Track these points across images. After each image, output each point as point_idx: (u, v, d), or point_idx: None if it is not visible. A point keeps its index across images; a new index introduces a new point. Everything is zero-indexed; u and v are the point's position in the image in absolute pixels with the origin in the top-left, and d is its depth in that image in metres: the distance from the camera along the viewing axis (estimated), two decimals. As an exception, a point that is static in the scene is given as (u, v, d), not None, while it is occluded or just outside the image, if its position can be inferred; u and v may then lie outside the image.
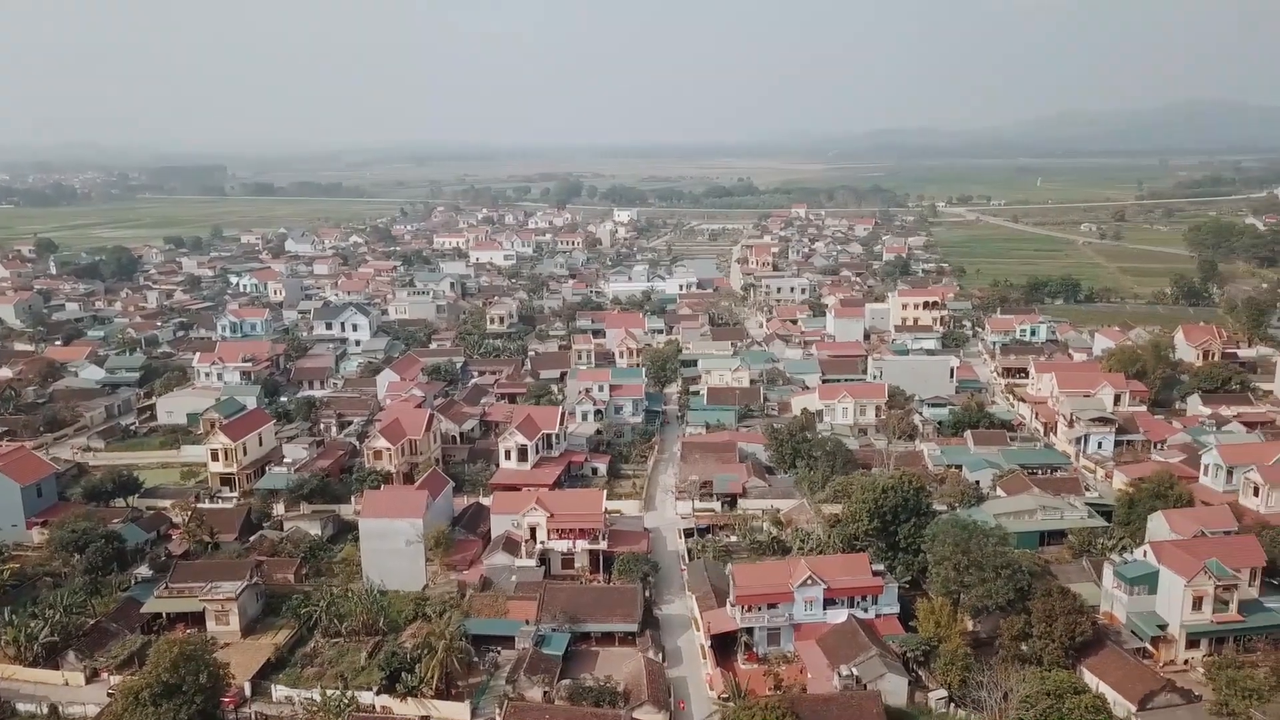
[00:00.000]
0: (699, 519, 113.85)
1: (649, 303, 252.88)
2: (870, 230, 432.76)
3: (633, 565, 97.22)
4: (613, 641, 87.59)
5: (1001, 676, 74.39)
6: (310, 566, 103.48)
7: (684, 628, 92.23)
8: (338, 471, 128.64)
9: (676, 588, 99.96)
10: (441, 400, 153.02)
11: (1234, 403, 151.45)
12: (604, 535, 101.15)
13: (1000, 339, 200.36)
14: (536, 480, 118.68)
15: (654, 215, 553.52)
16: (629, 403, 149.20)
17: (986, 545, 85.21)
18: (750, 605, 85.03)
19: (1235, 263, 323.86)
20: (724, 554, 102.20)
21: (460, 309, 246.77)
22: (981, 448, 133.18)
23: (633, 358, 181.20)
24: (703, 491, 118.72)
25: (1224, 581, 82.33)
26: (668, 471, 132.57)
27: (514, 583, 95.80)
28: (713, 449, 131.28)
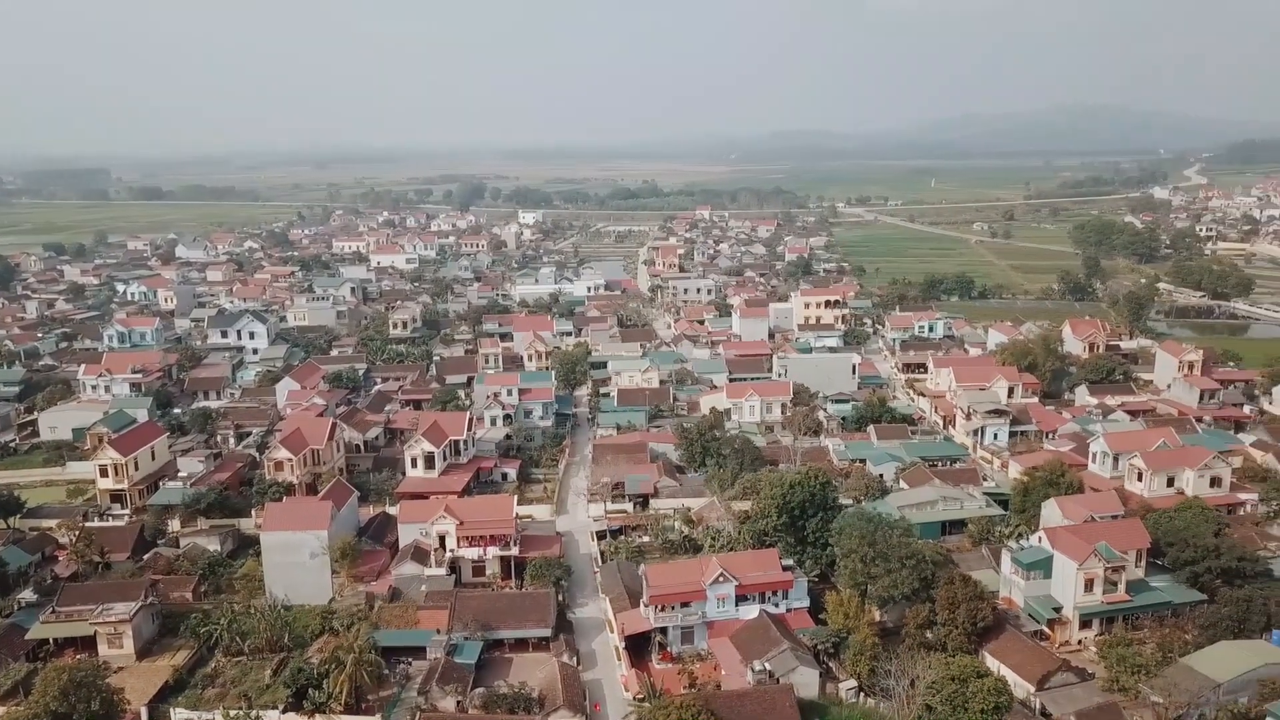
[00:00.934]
0: (611, 521, 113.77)
1: (557, 305, 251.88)
2: (773, 231, 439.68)
3: (545, 570, 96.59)
4: (527, 647, 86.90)
5: (908, 664, 76.23)
6: (210, 583, 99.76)
7: (598, 630, 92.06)
8: (237, 484, 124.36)
9: (590, 590, 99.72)
10: (344, 408, 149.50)
11: (1118, 393, 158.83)
12: (515, 541, 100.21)
13: (900, 336, 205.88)
14: (445, 488, 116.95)
15: (560, 217, 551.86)
16: (538, 406, 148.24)
17: (891, 537, 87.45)
18: (664, 605, 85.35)
19: (1116, 259, 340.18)
20: (637, 555, 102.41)
21: (362, 314, 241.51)
22: (884, 442, 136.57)
23: (541, 361, 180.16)
24: (615, 493, 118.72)
25: (1113, 564, 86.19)
26: (579, 474, 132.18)
27: (424, 592, 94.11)
28: (624, 450, 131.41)
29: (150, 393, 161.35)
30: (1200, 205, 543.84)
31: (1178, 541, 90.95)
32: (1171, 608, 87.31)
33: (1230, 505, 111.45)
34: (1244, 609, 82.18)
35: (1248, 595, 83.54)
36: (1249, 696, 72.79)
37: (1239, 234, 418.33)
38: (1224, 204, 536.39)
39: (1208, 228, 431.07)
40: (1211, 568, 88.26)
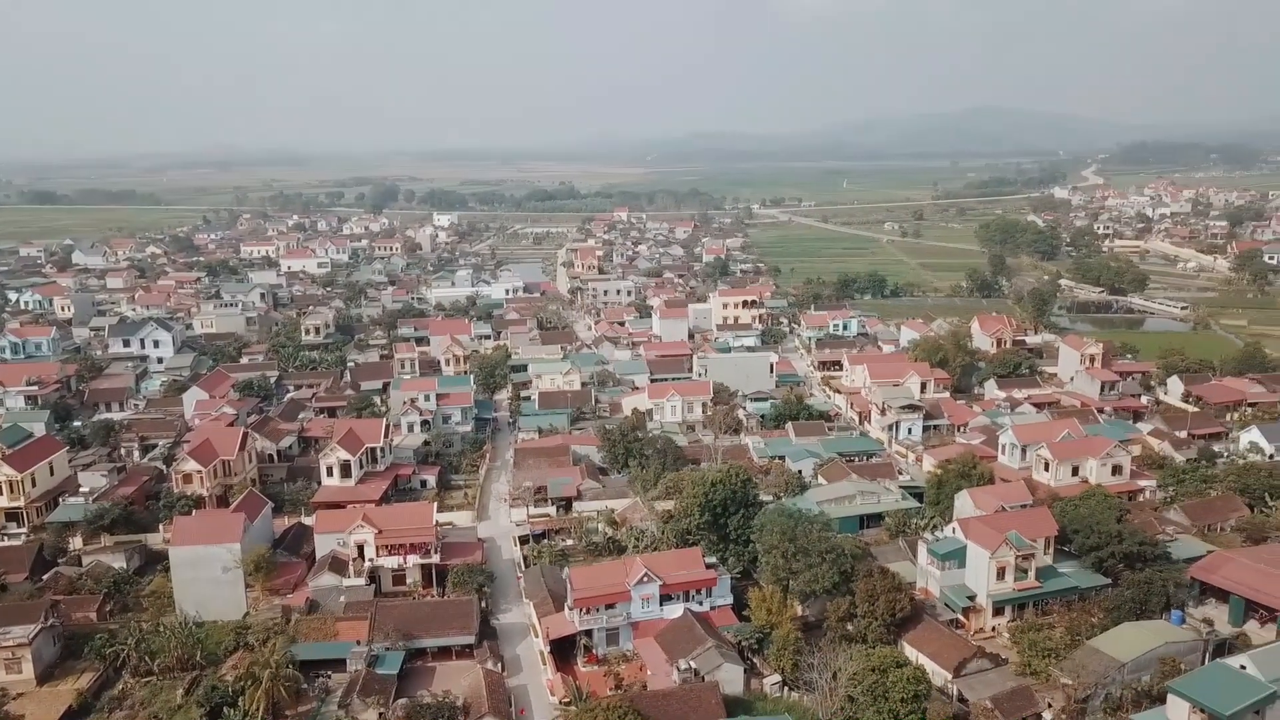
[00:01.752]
0: (534, 525, 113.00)
1: (474, 308, 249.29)
2: (690, 232, 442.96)
3: (467, 577, 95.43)
4: (450, 655, 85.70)
5: (830, 657, 77.42)
6: (115, 602, 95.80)
7: (523, 635, 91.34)
8: (142, 499, 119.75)
9: (514, 596, 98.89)
10: (256, 417, 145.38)
11: (1024, 386, 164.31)
12: (436, 548, 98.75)
13: (815, 334, 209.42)
14: (362, 496, 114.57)
15: (476, 219, 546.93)
16: (457, 411, 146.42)
17: (811, 532, 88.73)
18: (588, 607, 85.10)
19: (1020, 257, 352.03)
20: (560, 558, 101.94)
21: (272, 320, 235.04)
22: (802, 438, 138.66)
23: (459, 365, 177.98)
24: (537, 497, 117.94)
25: (1023, 551, 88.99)
26: (501, 479, 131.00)
27: (343, 603, 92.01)
28: (546, 453, 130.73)
29: (47, 405, 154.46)
30: (1098, 204, 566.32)
31: (1083, 528, 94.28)
32: (1078, 592, 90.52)
33: (1130, 492, 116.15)
34: (1145, 591, 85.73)
35: (1148, 578, 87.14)
36: (1151, 674, 75.99)
37: (1134, 232, 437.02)
38: (1119, 203, 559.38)
39: (1105, 226, 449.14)
40: (1115, 552, 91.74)
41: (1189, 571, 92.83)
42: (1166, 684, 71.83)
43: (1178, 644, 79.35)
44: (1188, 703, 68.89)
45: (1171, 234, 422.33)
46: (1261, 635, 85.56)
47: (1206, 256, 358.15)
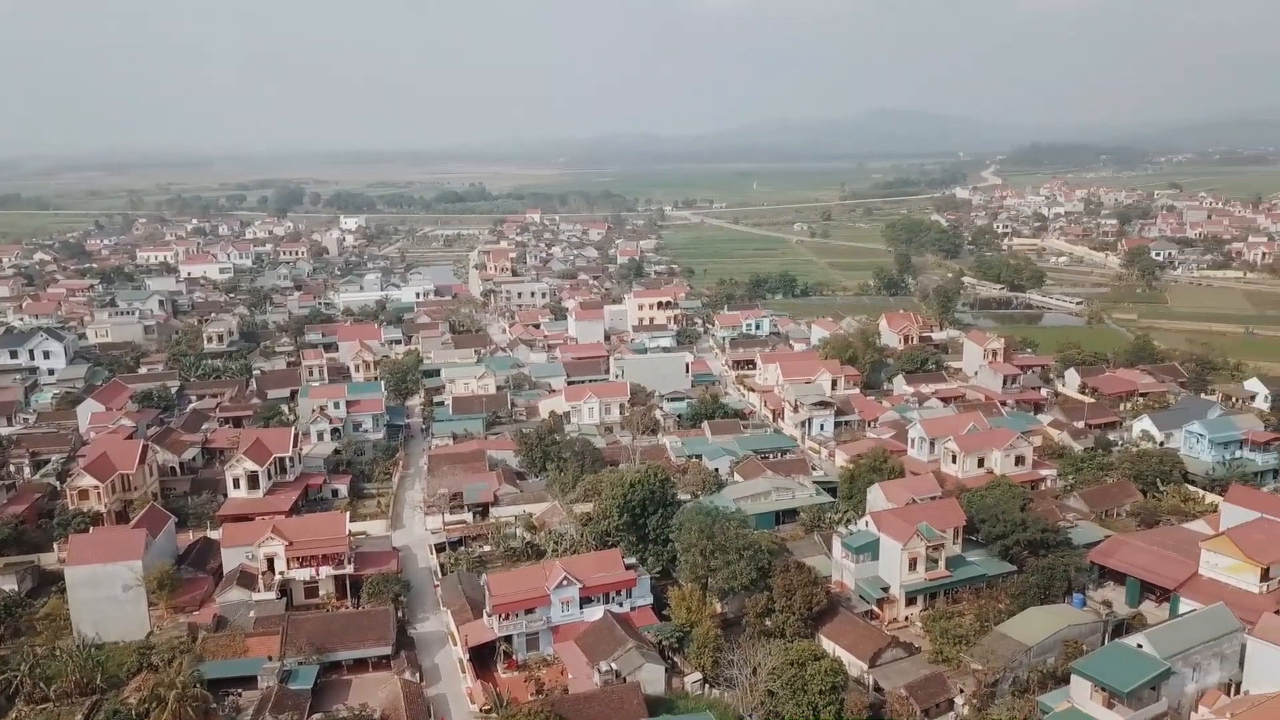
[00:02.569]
0: (450, 532, 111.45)
1: (384, 312, 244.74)
2: (604, 234, 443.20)
3: (383, 586, 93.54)
4: (367, 667, 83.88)
5: (750, 653, 78.23)
6: (7, 626, 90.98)
7: (441, 644, 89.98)
8: (34, 517, 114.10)
9: (431, 604, 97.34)
10: (156, 429, 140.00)
11: (931, 381, 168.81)
12: (349, 559, 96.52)
13: (729, 334, 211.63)
14: (271, 508, 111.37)
15: (384, 222, 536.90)
16: (368, 418, 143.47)
17: (729, 529, 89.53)
18: (507, 613, 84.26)
19: (925, 255, 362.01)
20: (478, 565, 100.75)
21: (172, 329, 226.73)
22: (718, 437, 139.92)
23: (370, 370, 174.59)
24: (453, 503, 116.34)
25: (933, 542, 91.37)
26: (415, 486, 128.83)
27: (252, 618, 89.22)
28: (461, 459, 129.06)
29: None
30: (997, 204, 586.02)
31: (989, 518, 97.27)
32: (986, 580, 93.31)
33: (1033, 481, 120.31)
34: (1048, 576, 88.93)
35: (1051, 564, 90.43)
36: (1055, 656, 78.86)
37: (1031, 230, 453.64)
38: (1017, 203, 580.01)
39: (1004, 225, 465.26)
40: (1019, 540, 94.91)
41: (1088, 556, 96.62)
42: (1070, 665, 74.66)
43: (1079, 626, 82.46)
44: (1090, 682, 71.71)
45: (1066, 232, 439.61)
46: (1156, 614, 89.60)
47: (1099, 254, 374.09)
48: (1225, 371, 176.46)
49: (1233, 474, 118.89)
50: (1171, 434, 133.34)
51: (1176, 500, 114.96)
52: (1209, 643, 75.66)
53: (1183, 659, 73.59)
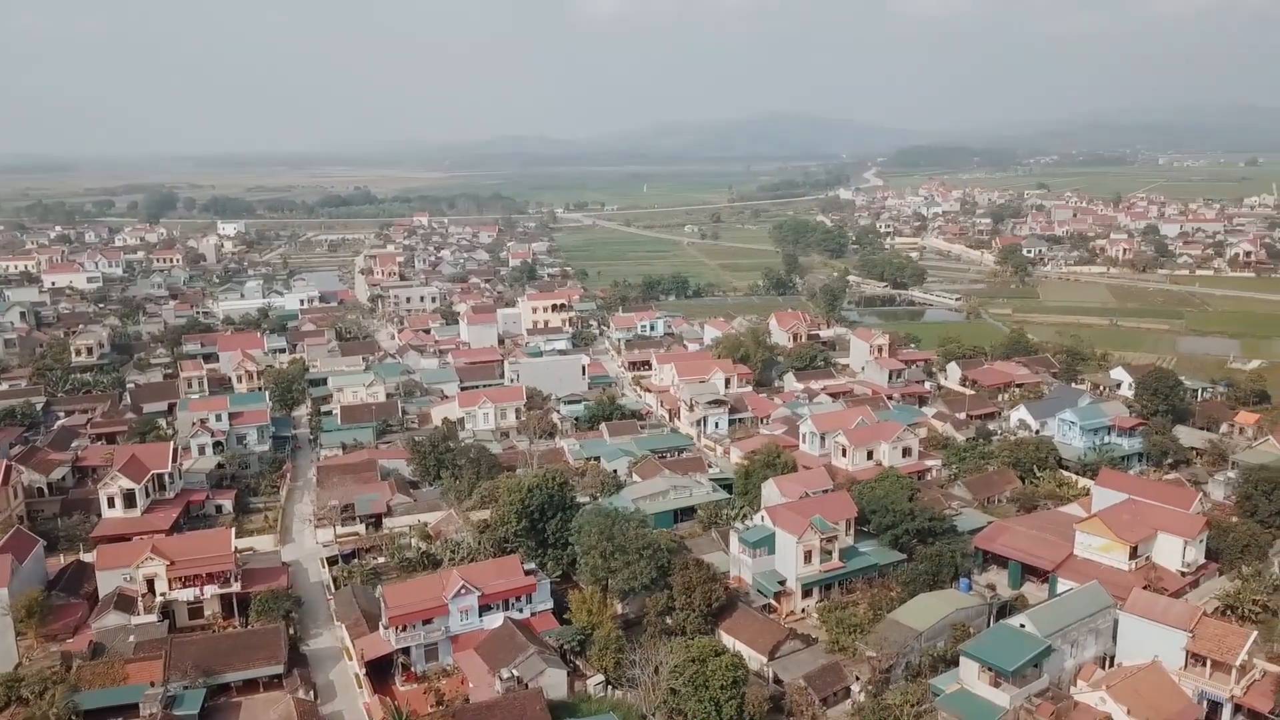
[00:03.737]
0: (343, 544, 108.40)
1: (267, 320, 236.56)
2: (495, 237, 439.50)
3: (272, 603, 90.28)
4: (258, 688, 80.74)
5: (651, 652, 78.53)
6: None
7: (336, 659, 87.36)
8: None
9: (324, 619, 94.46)
10: (21, 448, 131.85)
11: (820, 377, 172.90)
12: (236, 576, 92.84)
13: (624, 335, 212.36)
14: (150, 527, 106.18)
15: (265, 227, 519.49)
16: (253, 430, 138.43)
17: (628, 530, 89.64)
18: (404, 624, 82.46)
19: (812, 255, 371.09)
20: (373, 577, 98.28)
21: (35, 342, 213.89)
22: (616, 438, 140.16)
23: (253, 381, 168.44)
24: (344, 515, 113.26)
25: (827, 534, 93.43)
26: (304, 499, 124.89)
27: (132, 643, 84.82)
28: (351, 470, 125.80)
29: None
30: (878, 205, 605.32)
31: (879, 509, 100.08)
32: (878, 569, 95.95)
33: (919, 472, 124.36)
34: (936, 563, 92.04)
35: (939, 551, 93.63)
36: (945, 640, 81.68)
37: (911, 230, 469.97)
38: (898, 203, 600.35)
39: (886, 225, 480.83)
40: (909, 529, 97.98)
41: (973, 542, 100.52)
42: (959, 647, 77.46)
43: (966, 609, 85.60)
44: (977, 663, 74.55)
45: (944, 231, 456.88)
46: (1037, 595, 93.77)
47: (975, 251, 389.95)
48: (1093, 362, 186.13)
49: (1102, 458, 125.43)
50: (1046, 422, 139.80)
51: (1052, 485, 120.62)
52: (1085, 619, 79.61)
53: (1062, 636, 77.23)
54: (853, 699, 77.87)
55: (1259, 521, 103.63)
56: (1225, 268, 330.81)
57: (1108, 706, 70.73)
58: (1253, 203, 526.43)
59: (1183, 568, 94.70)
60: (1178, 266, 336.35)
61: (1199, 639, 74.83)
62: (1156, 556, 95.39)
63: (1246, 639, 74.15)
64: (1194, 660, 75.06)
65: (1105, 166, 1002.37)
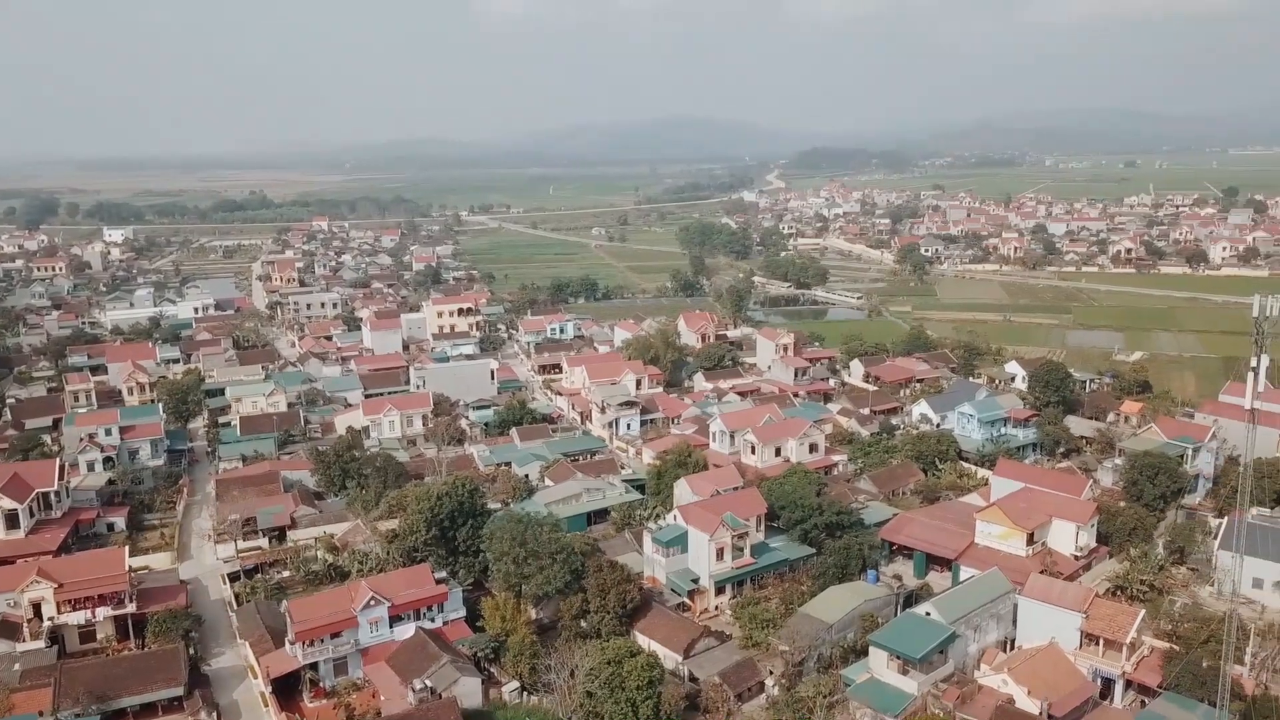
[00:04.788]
0: (245, 560, 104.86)
1: (159, 330, 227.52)
2: (397, 241, 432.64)
3: (170, 623, 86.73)
4: (156, 712, 77.45)
5: (567, 656, 78.05)
6: None
7: (240, 678, 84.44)
8: None
9: (227, 637, 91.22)
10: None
11: (729, 377, 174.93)
12: (131, 597, 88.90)
13: (533, 339, 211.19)
14: (35, 549, 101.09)
15: (155, 233, 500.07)
16: (146, 444, 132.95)
17: (541, 534, 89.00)
18: (312, 639, 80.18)
19: (718, 257, 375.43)
20: (278, 591, 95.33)
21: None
22: (527, 442, 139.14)
23: (145, 393, 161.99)
24: (245, 529, 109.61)
25: (738, 531, 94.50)
26: (202, 514, 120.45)
27: (18, 671, 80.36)
28: (252, 482, 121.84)
29: None
30: (781, 206, 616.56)
31: (788, 504, 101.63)
32: (789, 564, 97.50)
33: (826, 467, 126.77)
34: (845, 556, 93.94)
35: (846, 544, 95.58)
36: (854, 631, 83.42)
37: (814, 230, 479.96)
38: (800, 205, 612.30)
39: (789, 226, 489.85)
40: (817, 524, 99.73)
41: (879, 534, 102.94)
42: (868, 637, 79.25)
43: (874, 600, 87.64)
44: (886, 652, 76.42)
45: (845, 231, 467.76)
46: (941, 583, 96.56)
47: (874, 251, 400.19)
48: (989, 356, 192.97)
49: (999, 449, 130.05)
50: (946, 416, 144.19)
51: (953, 477, 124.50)
52: (986, 605, 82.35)
53: (965, 622, 79.73)
54: (767, 693, 78.86)
55: (1144, 505, 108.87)
56: (1108, 264, 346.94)
57: (1009, 688, 73.30)
58: (1132, 202, 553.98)
59: (1076, 552, 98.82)
60: (1065, 264, 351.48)
61: (1092, 620, 78.18)
62: (1051, 542, 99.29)
63: (1135, 618, 77.80)
64: (1088, 640, 78.39)
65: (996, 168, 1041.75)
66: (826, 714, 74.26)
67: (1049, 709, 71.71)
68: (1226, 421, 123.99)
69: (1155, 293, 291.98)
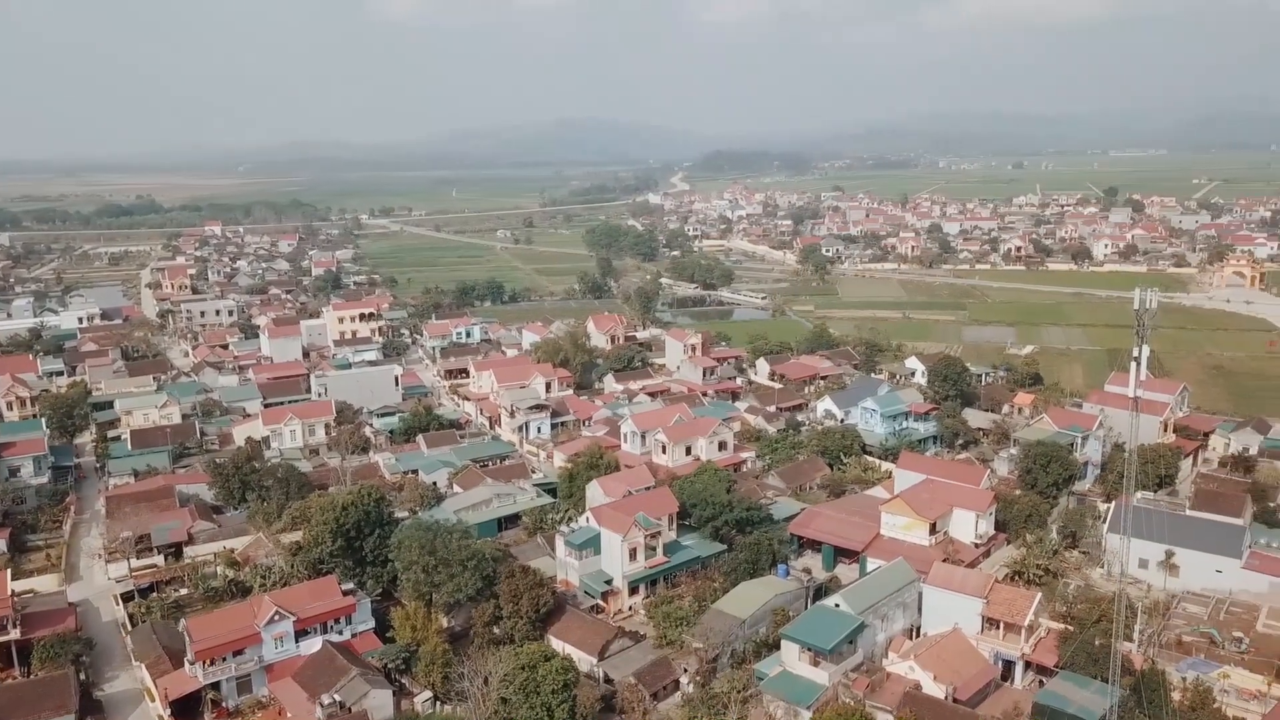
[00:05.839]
0: (139, 579, 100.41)
1: (40, 341, 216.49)
2: (295, 245, 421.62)
3: (58, 648, 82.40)
4: (43, 744, 73.51)
5: (480, 663, 77.04)
6: None
7: (136, 702, 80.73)
8: None
9: (121, 660, 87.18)
10: None
11: (639, 378, 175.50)
12: (14, 622, 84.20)
13: (439, 343, 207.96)
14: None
15: (33, 240, 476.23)
16: (28, 461, 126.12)
17: (451, 542, 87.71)
18: (213, 658, 77.34)
19: (625, 259, 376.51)
20: (175, 610, 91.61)
21: None
22: (434, 449, 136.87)
23: (26, 408, 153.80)
24: (139, 547, 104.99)
25: (650, 531, 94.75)
26: (92, 532, 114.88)
27: (-112, 709, 75.44)
28: (145, 497, 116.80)
29: None
30: (686, 208, 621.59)
31: (699, 502, 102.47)
32: (701, 561, 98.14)
33: (736, 464, 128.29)
34: (755, 551, 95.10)
35: (757, 539, 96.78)
36: (766, 625, 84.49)
37: (718, 232, 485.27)
38: (704, 206, 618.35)
39: (694, 228, 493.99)
40: (728, 520, 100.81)
41: (788, 528, 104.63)
42: (780, 631, 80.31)
43: (785, 594, 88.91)
44: (797, 645, 77.62)
45: (749, 233, 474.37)
46: (850, 575, 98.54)
47: (778, 252, 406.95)
48: (889, 352, 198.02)
49: (901, 442, 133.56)
50: (849, 411, 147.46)
51: (858, 470, 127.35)
52: (893, 595, 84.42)
53: (873, 612, 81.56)
54: (682, 691, 79.27)
55: (1038, 493, 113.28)
56: (1000, 262, 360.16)
57: (916, 674, 75.33)
58: (1020, 202, 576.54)
59: (976, 540, 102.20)
60: (959, 262, 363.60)
61: (992, 604, 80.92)
62: (953, 531, 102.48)
63: (1033, 601, 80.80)
64: (989, 624, 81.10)
65: (892, 170, 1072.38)
66: (741, 709, 75.04)
67: (954, 693, 73.94)
68: (1112, 410, 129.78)
69: (1044, 289, 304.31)
